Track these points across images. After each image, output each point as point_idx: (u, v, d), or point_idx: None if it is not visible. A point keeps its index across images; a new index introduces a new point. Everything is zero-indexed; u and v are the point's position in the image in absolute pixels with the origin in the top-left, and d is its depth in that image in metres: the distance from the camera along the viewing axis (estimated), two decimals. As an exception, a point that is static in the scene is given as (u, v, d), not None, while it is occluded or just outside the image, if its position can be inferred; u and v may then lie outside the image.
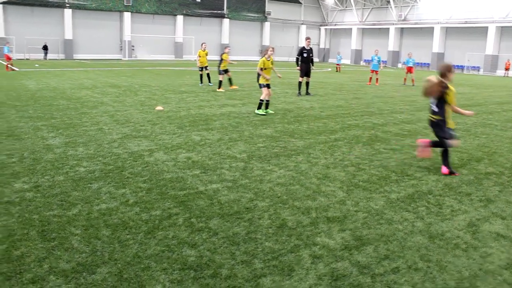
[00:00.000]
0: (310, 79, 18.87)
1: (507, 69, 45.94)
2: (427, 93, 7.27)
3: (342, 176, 6.94)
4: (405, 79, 27.54)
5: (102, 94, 16.74)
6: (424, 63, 54.47)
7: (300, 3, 66.91)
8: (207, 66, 21.41)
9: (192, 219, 5.07)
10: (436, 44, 53.68)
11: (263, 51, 13.67)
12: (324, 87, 22.87)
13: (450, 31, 53.67)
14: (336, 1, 66.70)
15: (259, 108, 12.99)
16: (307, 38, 18.59)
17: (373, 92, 21.00)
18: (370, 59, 27.52)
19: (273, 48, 13.56)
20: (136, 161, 7.41)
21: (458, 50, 52.44)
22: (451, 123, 7.31)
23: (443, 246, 4.62)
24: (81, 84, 20.31)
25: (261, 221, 5.10)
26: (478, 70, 50.78)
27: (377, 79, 26.12)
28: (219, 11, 59.19)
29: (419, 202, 5.92)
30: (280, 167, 7.36)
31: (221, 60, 19.77)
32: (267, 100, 13.11)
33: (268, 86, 12.94)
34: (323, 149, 8.79)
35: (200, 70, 21.57)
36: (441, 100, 7.14)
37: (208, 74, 21.56)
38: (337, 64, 41.09)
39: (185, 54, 56.56)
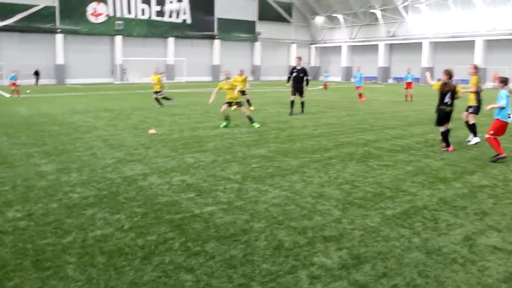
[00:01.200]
0: (304, 99, 18.80)
1: (495, 81, 46.45)
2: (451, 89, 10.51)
3: (337, 194, 6.94)
4: (406, 95, 26.67)
5: (94, 118, 16.73)
6: (414, 78, 54.92)
7: (290, 22, 67.59)
8: (160, 91, 21.45)
9: (188, 243, 5.03)
10: (425, 58, 54.22)
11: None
12: (316, 105, 23.00)
13: (438, 46, 54.30)
14: (326, 19, 67.45)
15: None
16: (297, 58, 18.76)
17: (364, 109, 21.13)
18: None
19: (226, 72, 14.64)
20: (130, 186, 7.38)
21: (447, 64, 51.87)
22: None
23: (441, 262, 4.62)
24: (73, 109, 20.29)
25: (258, 242, 5.07)
26: (467, 83, 51.10)
27: (360, 94, 26.13)
28: (210, 33, 59.63)
29: (415, 217, 5.93)
30: (275, 187, 7.35)
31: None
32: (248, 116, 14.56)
33: (228, 103, 14.46)
34: (317, 167, 8.80)
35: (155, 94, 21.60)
36: (453, 95, 10.52)
37: (157, 98, 21.58)
38: (325, 82, 40.88)
39: (177, 76, 56.75)
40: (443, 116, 10.67)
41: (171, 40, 56.37)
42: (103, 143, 11.49)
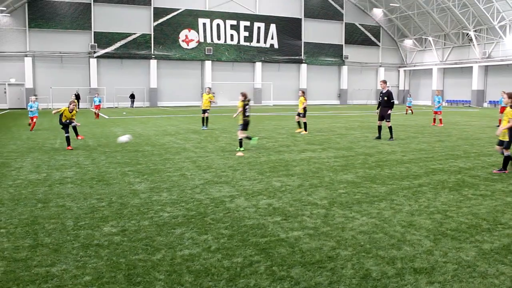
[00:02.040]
0: (390, 124, 17.84)
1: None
2: None
3: (428, 224, 6.61)
4: (500, 120, 25.15)
5: (184, 140, 17.36)
6: None
7: (378, 45, 66.60)
8: (207, 110, 21.90)
9: (273, 267, 5.01)
10: (526, 81, 50.92)
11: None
12: (405, 130, 22.28)
13: (540, 68, 50.79)
14: (415, 42, 65.68)
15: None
16: (382, 81, 18.24)
17: (457, 134, 20.13)
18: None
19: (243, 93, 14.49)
20: (217, 207, 7.53)
21: (551, 88, 49.41)
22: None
23: (547, 304, 4.22)
24: (164, 131, 21.22)
25: (344, 270, 4.94)
26: None
27: (440, 119, 25.03)
28: (297, 57, 60.23)
29: (517, 254, 5.48)
30: (362, 214, 7.16)
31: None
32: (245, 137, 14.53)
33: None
34: (406, 195, 8.47)
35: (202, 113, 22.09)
36: None
37: (207, 118, 22.06)
38: (408, 107, 38.69)
39: (264, 100, 57.75)
40: None
41: (258, 64, 57.63)
42: (192, 164, 11.87)
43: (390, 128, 17.81)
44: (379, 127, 18.00)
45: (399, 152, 14.26)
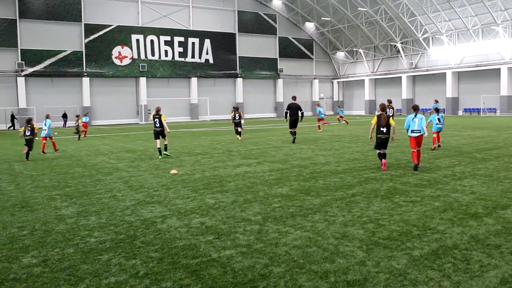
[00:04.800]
0: (295, 130, 21.92)
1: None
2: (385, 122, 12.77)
3: (361, 234, 6.64)
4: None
5: (117, 159, 16.80)
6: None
7: (312, 58, 68.09)
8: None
9: (204, 290, 4.81)
10: (450, 89, 53.74)
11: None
12: (339, 140, 22.73)
13: (462, 75, 53.82)
14: (347, 54, 67.77)
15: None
16: (293, 97, 22.62)
17: (389, 143, 20.68)
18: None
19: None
20: (148, 229, 7.22)
21: (472, 93, 52.48)
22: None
23: (474, 308, 4.27)
24: (97, 150, 20.49)
25: (277, 289, 4.81)
26: (495, 112, 50.43)
27: (319, 126, 30.26)
28: (232, 71, 60.41)
29: (445, 258, 5.58)
30: (296, 228, 7.08)
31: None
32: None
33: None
34: (340, 206, 8.51)
35: None
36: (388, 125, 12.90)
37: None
38: (340, 116, 40.31)
39: (201, 115, 57.38)
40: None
41: (194, 80, 57.27)
42: (124, 184, 11.44)
43: (295, 132, 21.86)
44: (292, 133, 21.64)
45: (333, 162, 14.45)
